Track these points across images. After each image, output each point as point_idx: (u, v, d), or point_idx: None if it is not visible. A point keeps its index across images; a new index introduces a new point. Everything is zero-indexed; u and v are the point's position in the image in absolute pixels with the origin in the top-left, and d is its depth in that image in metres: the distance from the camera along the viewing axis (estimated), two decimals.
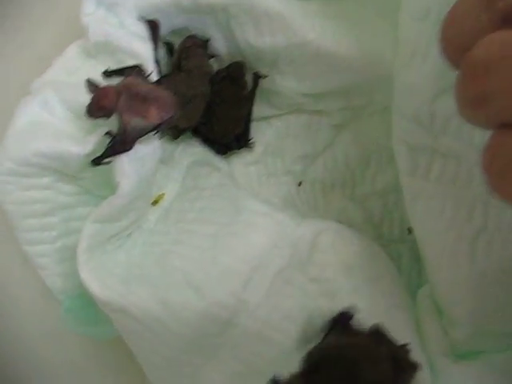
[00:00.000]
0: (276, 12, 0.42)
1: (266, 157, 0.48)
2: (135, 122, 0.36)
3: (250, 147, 0.47)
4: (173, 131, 0.44)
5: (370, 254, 0.40)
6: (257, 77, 0.45)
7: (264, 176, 0.48)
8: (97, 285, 0.38)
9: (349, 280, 0.37)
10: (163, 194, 0.44)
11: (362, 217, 0.49)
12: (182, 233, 0.41)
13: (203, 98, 0.43)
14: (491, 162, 0.21)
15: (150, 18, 0.41)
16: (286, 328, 0.37)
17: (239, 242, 0.38)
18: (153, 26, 0.41)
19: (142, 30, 0.41)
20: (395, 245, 0.48)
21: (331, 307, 0.36)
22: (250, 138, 0.47)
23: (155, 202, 0.44)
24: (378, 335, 0.32)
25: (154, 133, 0.37)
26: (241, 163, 0.48)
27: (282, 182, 0.49)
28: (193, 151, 0.46)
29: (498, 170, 0.21)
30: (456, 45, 0.23)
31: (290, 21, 0.42)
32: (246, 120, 0.46)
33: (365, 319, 0.34)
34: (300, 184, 0.49)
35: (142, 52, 0.40)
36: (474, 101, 0.21)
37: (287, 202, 0.48)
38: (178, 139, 0.46)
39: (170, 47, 0.43)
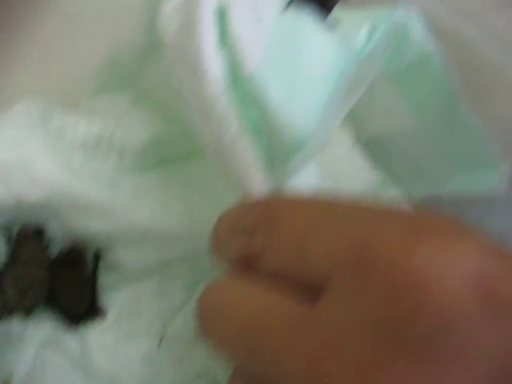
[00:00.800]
0: (101, 201, 0.44)
1: (120, 322, 0.50)
2: None
3: (103, 316, 0.48)
4: (20, 314, 0.45)
5: None
6: (97, 256, 0.47)
7: (121, 340, 0.50)
8: None
9: None
10: (10, 378, 0.45)
11: (226, 367, 0.50)
12: None
13: (42, 284, 0.44)
14: None
15: None
16: None
17: None
18: None
19: None
20: None
21: None
22: (100, 308, 0.48)
23: None
24: None
25: None
26: (95, 332, 0.49)
27: (140, 343, 0.50)
28: (44, 329, 0.47)
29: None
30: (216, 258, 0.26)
31: (116, 205, 0.44)
32: (92, 295, 0.47)
33: None
34: (161, 341, 0.50)
35: None
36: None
37: (146, 362, 0.49)
38: (30, 316, 0.47)
39: (8, 236, 0.45)
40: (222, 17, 0.30)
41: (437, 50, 0.41)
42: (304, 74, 0.34)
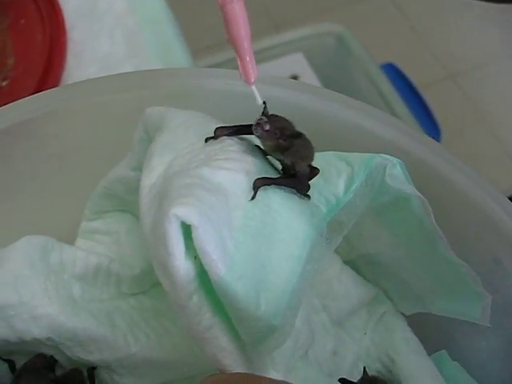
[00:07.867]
0: (100, 334, 0.46)
1: None
2: None
3: None
4: None
5: None
6: (91, 372, 0.49)
7: None
8: None
9: None
10: None
11: None
12: None
13: None
14: None
15: None
16: None
17: None
18: None
19: None
20: None
21: None
22: None
23: None
24: None
25: None
26: None
27: None
28: None
29: None
30: None
31: (114, 337, 0.47)
32: None
33: None
34: None
35: None
36: None
37: None
38: None
39: (11, 366, 0.48)
40: (187, 233, 0.32)
41: (415, 194, 0.42)
42: (274, 261, 0.35)
